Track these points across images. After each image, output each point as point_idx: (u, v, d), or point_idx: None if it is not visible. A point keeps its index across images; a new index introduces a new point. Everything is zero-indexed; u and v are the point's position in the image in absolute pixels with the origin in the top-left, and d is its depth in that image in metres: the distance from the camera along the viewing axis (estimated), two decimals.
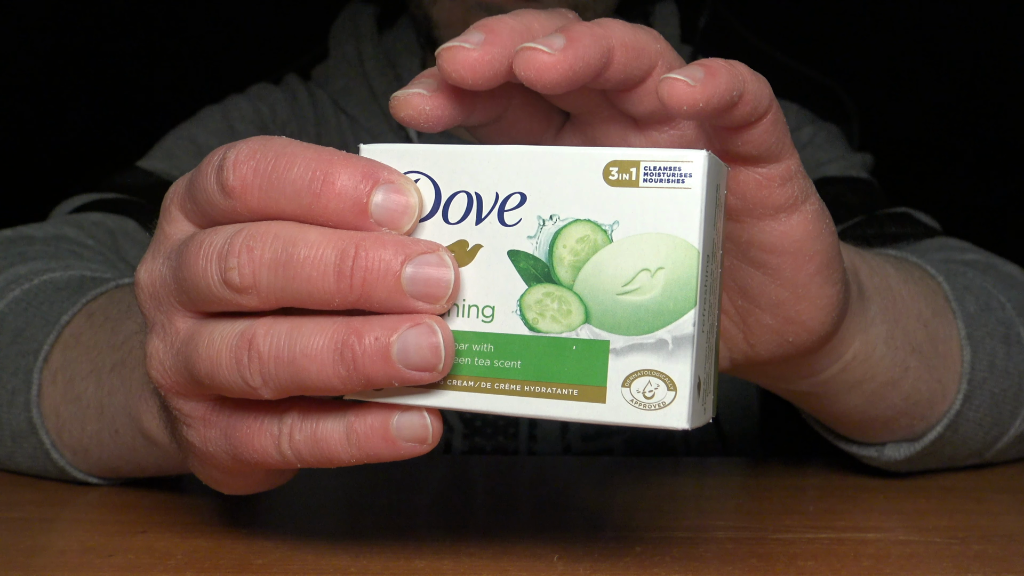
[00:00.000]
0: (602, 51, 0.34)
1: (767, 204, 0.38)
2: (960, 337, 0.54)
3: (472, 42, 0.34)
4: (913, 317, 0.51)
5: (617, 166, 0.33)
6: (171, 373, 0.36)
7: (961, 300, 0.55)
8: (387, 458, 0.34)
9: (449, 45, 0.34)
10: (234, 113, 0.84)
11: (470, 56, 0.33)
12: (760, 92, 0.35)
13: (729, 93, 0.33)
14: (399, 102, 0.35)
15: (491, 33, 0.34)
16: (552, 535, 0.45)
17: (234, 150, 0.33)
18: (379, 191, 0.33)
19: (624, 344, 0.32)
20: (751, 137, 0.36)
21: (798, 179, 0.38)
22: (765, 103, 0.35)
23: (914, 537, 0.46)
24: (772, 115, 0.36)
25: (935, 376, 0.52)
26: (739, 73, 0.34)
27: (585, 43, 0.33)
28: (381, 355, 0.32)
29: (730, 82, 0.33)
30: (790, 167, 0.38)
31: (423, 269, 0.32)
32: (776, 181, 0.37)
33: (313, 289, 0.32)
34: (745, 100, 0.34)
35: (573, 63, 0.33)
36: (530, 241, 0.33)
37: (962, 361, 0.54)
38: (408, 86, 0.36)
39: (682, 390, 0.32)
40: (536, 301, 0.33)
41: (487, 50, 0.34)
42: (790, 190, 0.38)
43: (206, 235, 0.34)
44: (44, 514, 0.48)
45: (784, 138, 0.37)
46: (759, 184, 0.37)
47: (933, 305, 0.53)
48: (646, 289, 0.32)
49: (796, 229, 0.39)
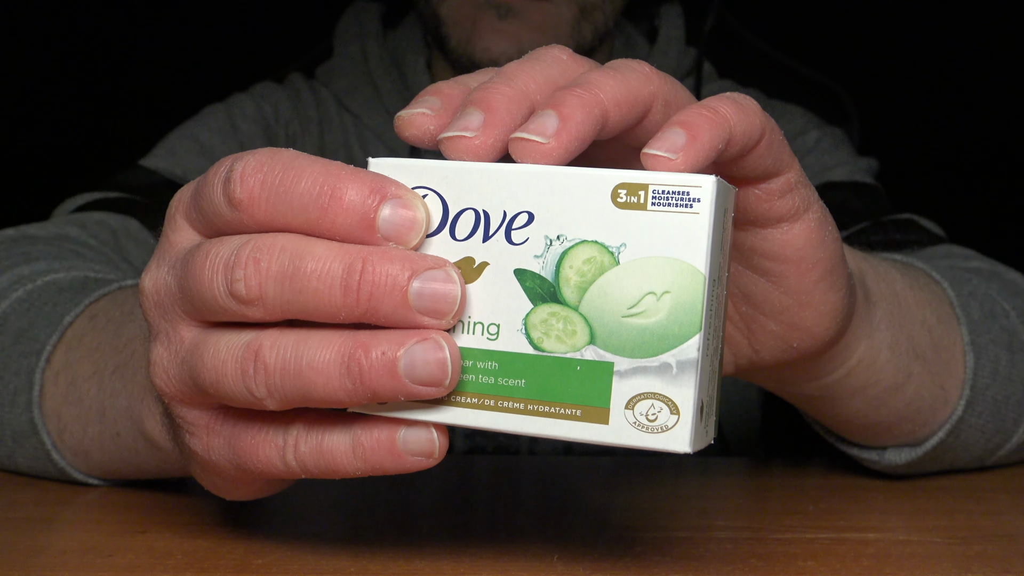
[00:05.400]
0: (595, 120, 0.33)
1: (769, 215, 0.38)
2: (964, 343, 0.54)
3: (472, 128, 0.33)
4: (918, 323, 0.51)
5: (626, 188, 0.32)
6: (175, 381, 0.36)
7: (965, 306, 0.55)
8: (392, 471, 0.34)
9: (450, 135, 0.34)
10: (237, 112, 0.84)
11: (472, 144, 0.33)
12: (748, 129, 0.35)
13: (714, 148, 0.33)
14: (403, 122, 0.35)
15: (489, 113, 0.34)
16: (552, 535, 0.45)
17: (241, 162, 0.33)
18: (386, 206, 0.33)
19: (628, 367, 0.32)
20: (746, 164, 0.36)
21: (799, 189, 0.38)
22: (756, 135, 0.35)
23: (914, 537, 0.46)
24: (765, 141, 0.36)
25: (938, 382, 0.52)
26: (722, 121, 0.34)
27: (577, 120, 0.33)
28: (388, 369, 0.32)
29: (713, 138, 0.33)
30: (790, 180, 0.37)
31: (430, 284, 0.32)
32: (776, 194, 0.37)
33: (319, 302, 0.32)
34: (733, 143, 0.34)
35: (568, 144, 0.33)
36: (537, 260, 0.33)
37: (965, 367, 0.54)
38: (412, 104, 0.35)
39: (685, 414, 0.32)
40: (541, 320, 0.33)
41: (488, 134, 0.33)
42: (791, 201, 0.38)
43: (212, 245, 0.34)
44: (44, 514, 0.49)
45: (781, 154, 0.37)
46: (759, 198, 0.37)
47: (938, 311, 0.53)
48: (651, 312, 0.32)
49: (798, 237, 0.38)
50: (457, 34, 0.77)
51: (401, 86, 0.83)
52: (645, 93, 0.35)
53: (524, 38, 0.75)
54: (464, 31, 0.76)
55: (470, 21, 0.76)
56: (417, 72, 0.84)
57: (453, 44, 0.77)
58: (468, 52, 0.76)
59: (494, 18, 0.75)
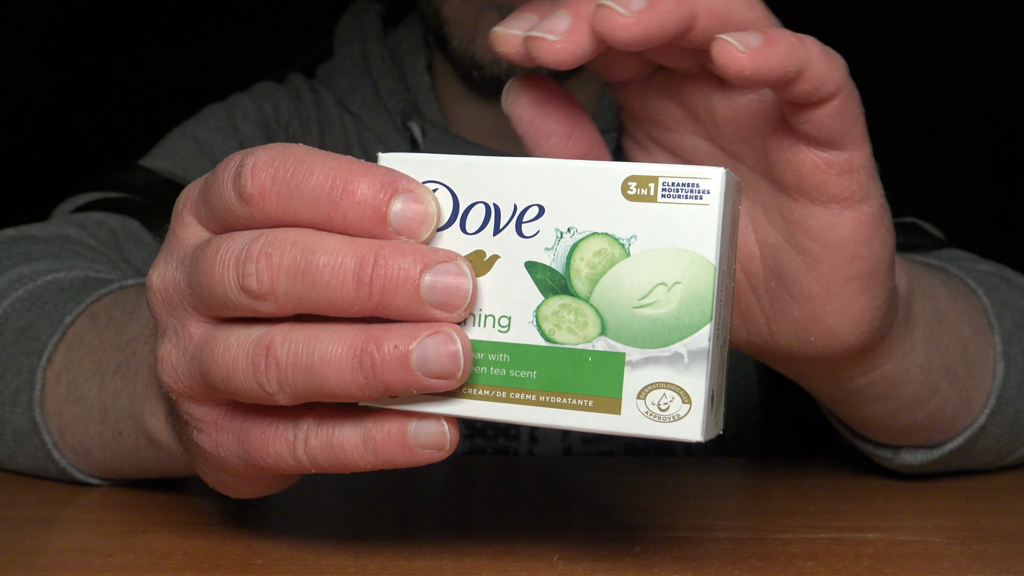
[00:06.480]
0: (682, 16, 0.33)
1: (821, 190, 0.37)
2: (996, 353, 0.53)
3: (557, 32, 0.34)
4: (955, 339, 0.50)
5: (635, 181, 0.33)
6: (184, 378, 0.35)
7: (999, 315, 0.55)
8: (403, 465, 0.34)
9: (534, 35, 0.34)
10: (237, 111, 0.83)
11: (553, 48, 0.34)
12: (826, 74, 0.34)
13: (783, 68, 0.33)
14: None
15: (577, 17, 0.34)
16: (552, 535, 0.45)
17: (252, 157, 0.33)
18: (398, 200, 0.33)
19: (640, 357, 0.33)
20: (812, 117, 0.35)
21: (860, 175, 0.37)
22: (831, 86, 0.34)
23: (914, 537, 0.46)
24: (839, 100, 0.35)
25: (964, 395, 0.52)
26: (803, 49, 0.33)
27: (665, 7, 0.33)
28: (400, 363, 0.32)
29: (787, 57, 0.33)
30: (853, 160, 0.37)
31: (442, 278, 0.32)
32: (835, 169, 0.37)
33: (332, 296, 0.32)
34: (805, 78, 0.33)
35: (649, 25, 0.33)
36: (547, 253, 0.33)
37: (994, 376, 0.53)
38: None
39: (696, 403, 0.32)
40: (553, 312, 0.33)
41: (571, 40, 0.34)
42: (848, 183, 0.37)
43: (223, 240, 0.34)
44: (44, 514, 0.49)
45: (853, 128, 0.36)
46: (816, 167, 0.37)
47: (974, 323, 0.53)
48: (662, 303, 0.32)
49: (844, 225, 0.38)
50: (459, 34, 0.77)
51: (402, 86, 0.83)
52: (742, 17, 0.34)
53: None
54: (466, 31, 0.76)
55: (472, 21, 0.76)
56: (418, 72, 0.84)
57: (455, 44, 0.77)
58: (470, 52, 0.76)
59: (496, 18, 0.75)
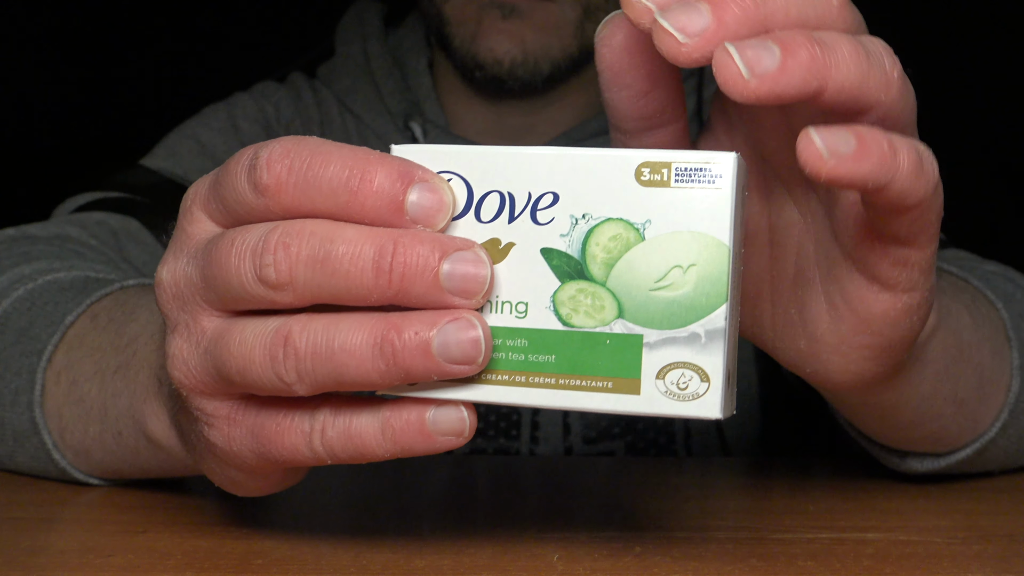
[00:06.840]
0: (809, 90, 0.30)
1: (869, 268, 0.36)
2: (1012, 367, 0.53)
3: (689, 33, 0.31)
4: (972, 368, 0.49)
5: (649, 167, 0.33)
6: (196, 373, 0.36)
7: (1017, 328, 0.54)
8: (422, 452, 0.35)
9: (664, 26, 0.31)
10: (238, 111, 0.83)
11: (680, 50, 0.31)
12: (911, 190, 0.32)
13: (867, 181, 0.31)
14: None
15: (718, 23, 0.30)
16: (552, 535, 0.45)
17: (266, 149, 0.33)
18: (414, 189, 0.33)
19: (657, 338, 0.33)
20: (889, 219, 0.34)
21: (914, 271, 0.36)
22: (912, 201, 0.32)
23: (914, 537, 0.46)
24: (917, 212, 0.33)
25: (969, 419, 0.51)
26: (894, 164, 0.31)
27: (793, 82, 0.30)
28: (421, 349, 0.32)
29: (874, 171, 0.31)
30: (911, 256, 0.35)
31: (460, 265, 0.33)
32: (891, 259, 0.36)
33: (351, 285, 0.32)
34: (888, 191, 0.32)
35: (764, 93, 0.30)
36: (563, 239, 0.34)
37: (1009, 391, 0.53)
38: None
39: (715, 381, 0.33)
40: (570, 297, 0.34)
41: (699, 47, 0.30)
42: (898, 274, 0.36)
43: (238, 233, 0.34)
44: (44, 514, 0.49)
45: (923, 231, 0.34)
46: (873, 248, 0.35)
47: (993, 343, 0.52)
48: (678, 285, 0.33)
49: (879, 304, 0.37)
50: (461, 34, 0.77)
51: (403, 86, 0.83)
52: (873, 98, 0.32)
53: (528, 38, 0.75)
54: (468, 31, 0.76)
55: (474, 21, 0.76)
56: (419, 72, 0.84)
57: (457, 44, 0.77)
58: (472, 52, 0.76)
59: (498, 18, 0.75)
